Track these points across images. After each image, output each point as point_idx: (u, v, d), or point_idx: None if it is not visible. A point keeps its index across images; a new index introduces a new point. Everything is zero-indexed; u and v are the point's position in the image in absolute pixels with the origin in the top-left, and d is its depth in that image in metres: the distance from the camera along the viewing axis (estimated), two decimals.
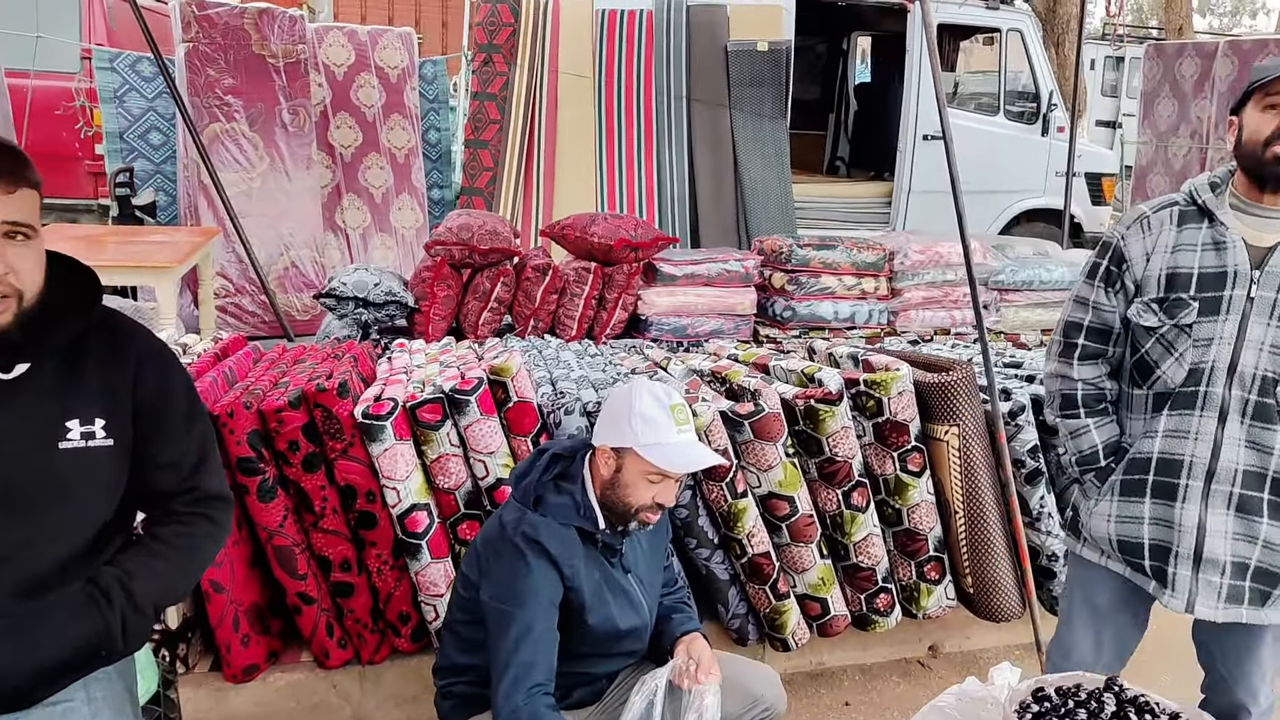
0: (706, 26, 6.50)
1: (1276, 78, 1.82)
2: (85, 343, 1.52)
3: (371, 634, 2.61)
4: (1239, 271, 1.88)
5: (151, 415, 1.55)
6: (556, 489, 2.05)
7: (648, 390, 2.03)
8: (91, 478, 1.48)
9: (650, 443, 1.97)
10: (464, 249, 4.74)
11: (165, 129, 6.04)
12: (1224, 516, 1.91)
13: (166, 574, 1.54)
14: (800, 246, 5.00)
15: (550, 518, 2.00)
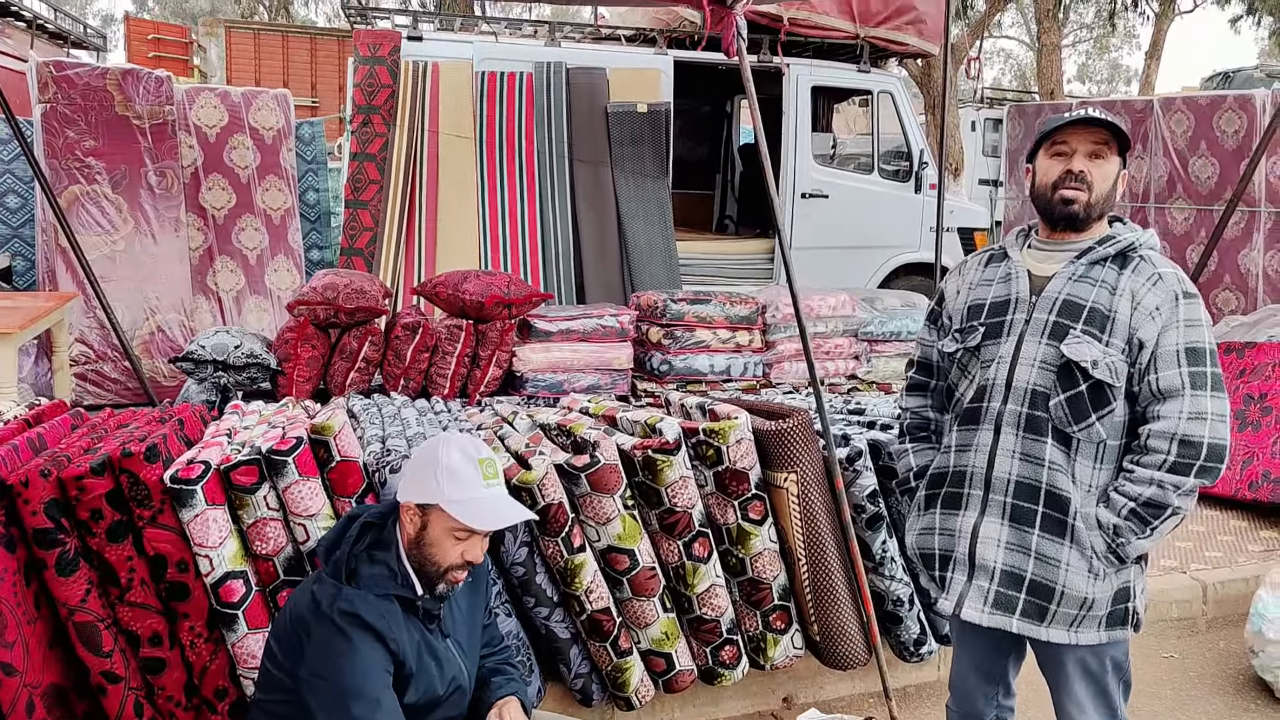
0: (586, 88, 6.59)
1: (1058, 127, 2.04)
2: None
3: (185, 712, 2.46)
4: (1020, 298, 2.07)
5: None
6: (370, 559, 1.96)
7: (456, 444, 1.96)
8: None
9: (457, 499, 1.90)
10: (329, 308, 4.65)
11: (23, 191, 5.84)
12: (997, 525, 2.04)
13: None
14: (675, 301, 5.04)
15: (367, 590, 1.91)
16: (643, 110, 6.62)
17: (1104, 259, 2.03)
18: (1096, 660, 2.05)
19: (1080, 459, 1.98)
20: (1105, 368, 1.95)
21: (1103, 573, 1.97)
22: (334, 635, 1.83)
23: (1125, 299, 1.98)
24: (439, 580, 1.96)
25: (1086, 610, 1.98)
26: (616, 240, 6.63)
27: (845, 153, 8.24)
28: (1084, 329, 1.97)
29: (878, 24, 7.19)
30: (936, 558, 2.14)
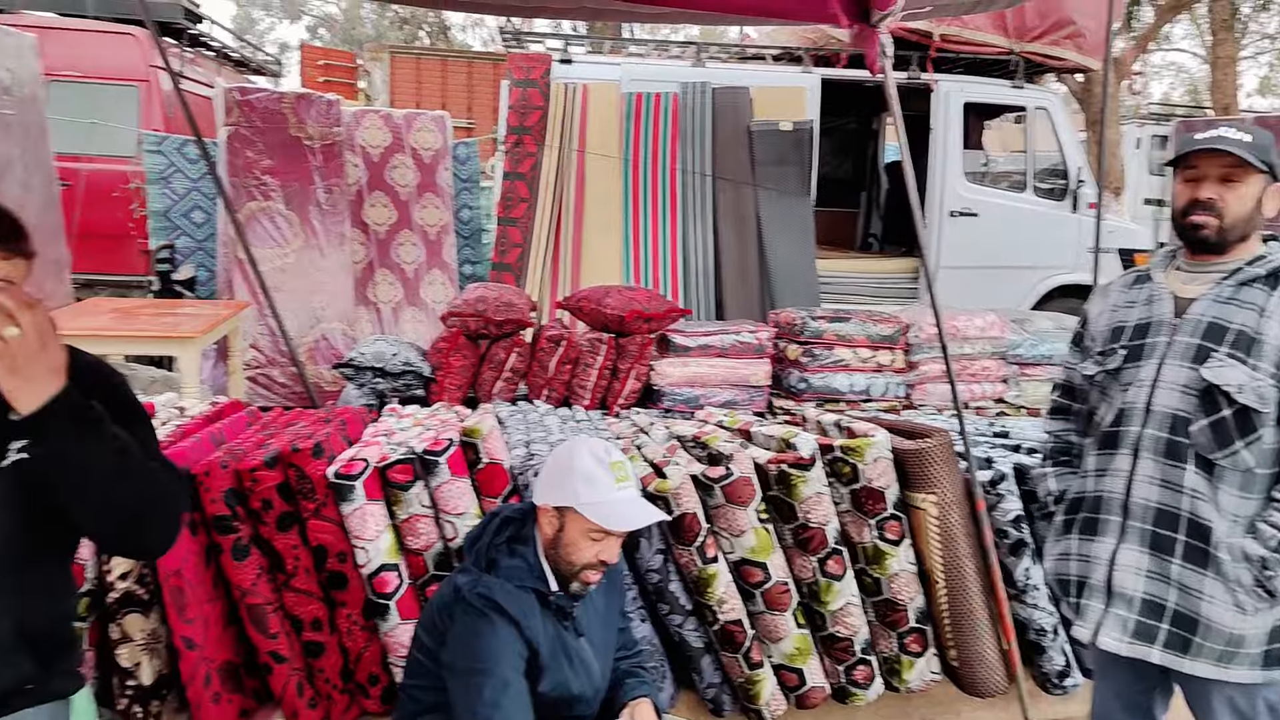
0: (730, 108, 6.65)
1: (1186, 153, 1.99)
2: None
3: (341, 694, 2.62)
4: (1162, 320, 2.02)
5: None
6: (509, 551, 2.06)
7: (588, 449, 2.04)
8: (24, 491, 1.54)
9: (590, 501, 1.98)
10: (479, 320, 4.86)
11: (208, 208, 6.33)
12: (1136, 552, 1.98)
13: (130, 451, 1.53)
14: (814, 318, 5.02)
15: (505, 580, 2.01)
16: (786, 129, 6.62)
17: (1253, 279, 1.96)
18: (1248, 701, 1.94)
19: (1225, 487, 1.90)
20: (1251, 392, 1.86)
21: (1252, 608, 1.87)
22: (472, 618, 1.94)
23: (1275, 321, 1.90)
24: (574, 579, 2.03)
25: (1236, 646, 1.88)
26: (757, 258, 6.64)
27: (997, 170, 8.00)
28: (1229, 352, 1.90)
29: (1033, 38, 6.97)
30: (1073, 584, 2.10)
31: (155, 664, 2.53)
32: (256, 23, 32.77)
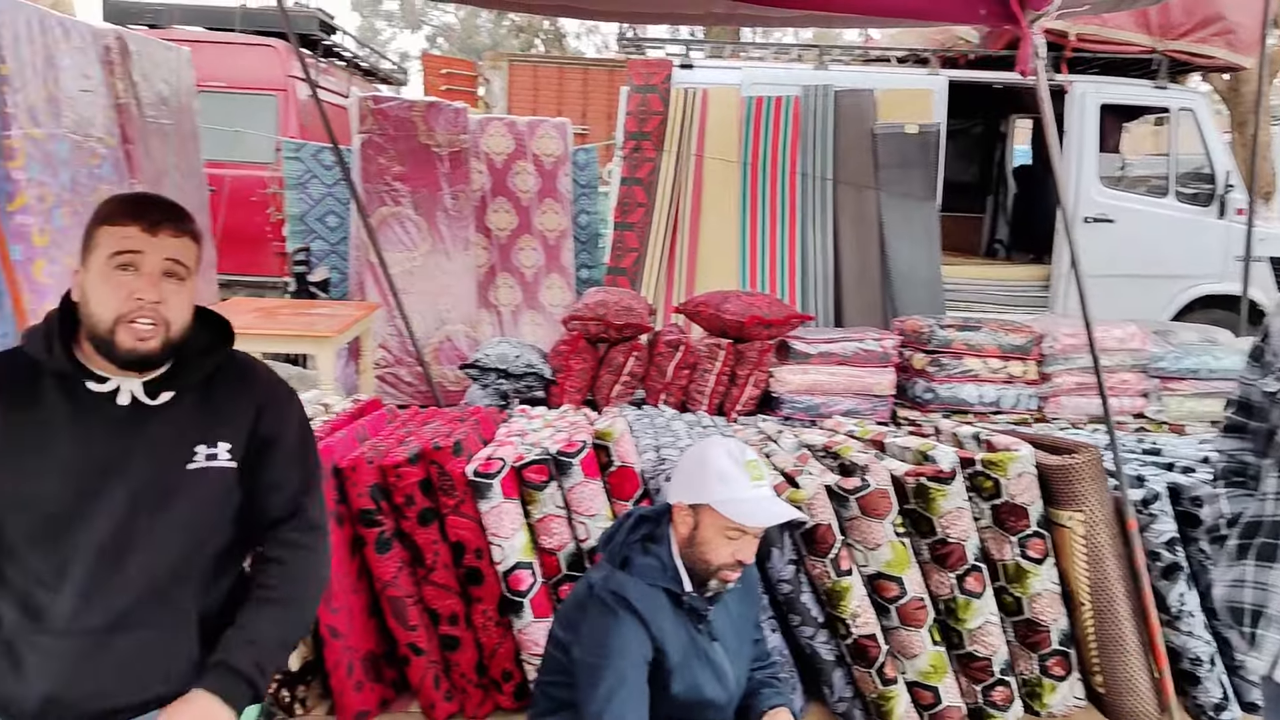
0: (853, 110, 6.55)
1: None
2: (216, 380, 1.72)
3: (476, 689, 2.68)
4: None
5: (268, 443, 1.73)
6: (643, 550, 2.06)
7: (722, 447, 2.03)
8: (213, 494, 1.66)
9: (725, 498, 1.96)
10: (599, 324, 4.90)
11: (341, 212, 6.57)
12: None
13: (282, 619, 1.69)
14: (942, 327, 4.89)
15: (637, 578, 2.01)
16: (912, 131, 6.48)
17: None
18: None
19: None
20: None
21: None
22: (601, 613, 1.95)
23: None
24: (710, 578, 2.01)
25: None
26: (878, 264, 6.52)
27: (1134, 174, 7.64)
28: None
29: (1179, 36, 6.64)
30: (1248, 612, 1.95)
31: (301, 651, 2.62)
32: (379, 33, 33.88)
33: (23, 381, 1.62)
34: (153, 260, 1.58)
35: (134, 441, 1.61)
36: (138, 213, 1.61)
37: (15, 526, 1.58)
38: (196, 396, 1.69)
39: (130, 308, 1.56)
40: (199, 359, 1.70)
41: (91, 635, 1.55)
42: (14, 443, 1.58)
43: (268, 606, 1.68)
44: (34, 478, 1.57)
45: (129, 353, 1.58)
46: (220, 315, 1.78)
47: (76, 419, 1.60)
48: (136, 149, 4.63)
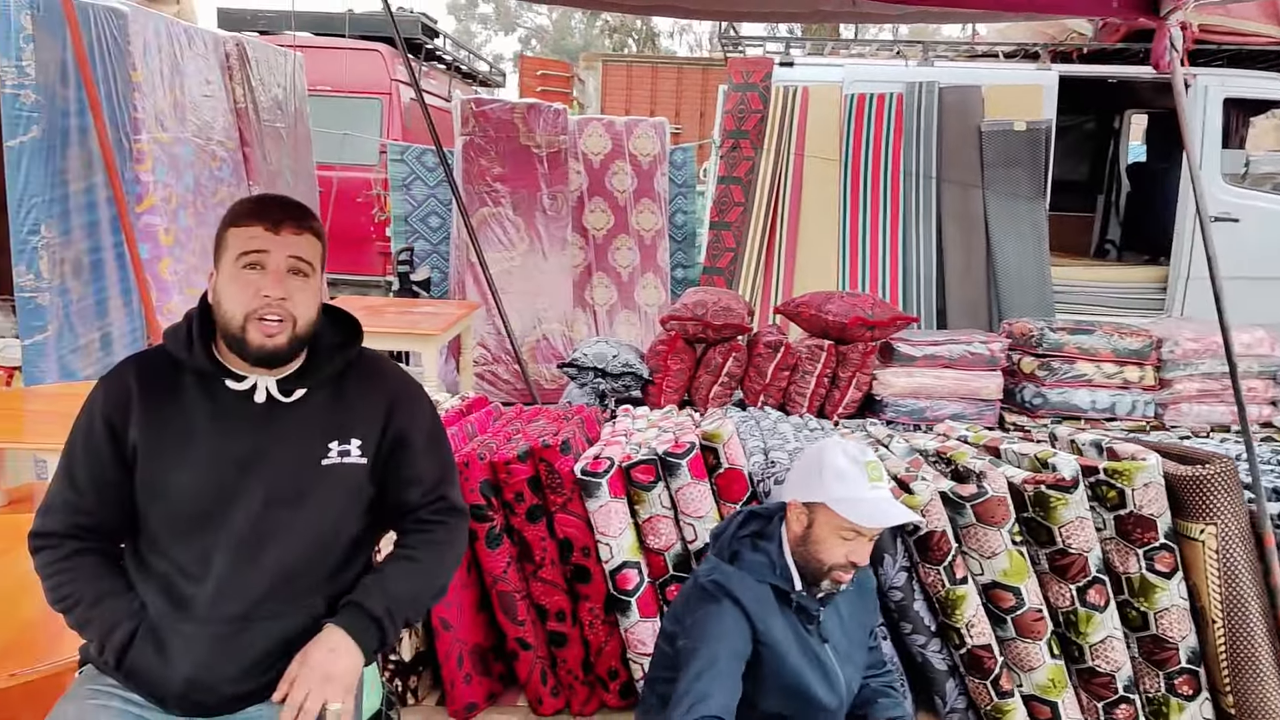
0: (959, 107, 6.39)
1: None
2: (347, 377, 1.75)
3: (582, 685, 2.69)
4: None
5: (401, 439, 1.76)
6: (753, 546, 2.04)
7: (840, 446, 2.00)
8: (345, 489, 1.71)
9: (842, 497, 1.92)
10: (698, 324, 4.89)
11: (443, 213, 6.70)
12: None
13: (417, 575, 1.73)
14: (1053, 330, 4.74)
15: (745, 572, 1.99)
16: (1020, 128, 6.29)
17: None
18: None
19: None
20: None
21: None
22: (703, 600, 1.94)
23: None
24: (823, 578, 1.97)
25: None
26: (984, 264, 6.35)
27: (1260, 171, 7.26)
28: None
29: None
30: None
31: (414, 642, 2.68)
32: (474, 36, 34.52)
33: (165, 379, 1.68)
34: (277, 258, 1.62)
35: (270, 438, 1.66)
36: (261, 213, 1.65)
37: (159, 519, 1.64)
38: (328, 394, 1.73)
39: (258, 304, 1.61)
40: (330, 356, 1.73)
41: (229, 623, 1.60)
42: (158, 438, 1.64)
43: (404, 562, 1.74)
44: (177, 472, 1.63)
45: (259, 349, 1.62)
46: (350, 314, 1.82)
47: (216, 416, 1.66)
48: (254, 152, 4.80)
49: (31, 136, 3.27)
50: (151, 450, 1.64)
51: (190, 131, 4.26)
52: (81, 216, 3.57)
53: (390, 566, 1.74)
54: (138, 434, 1.64)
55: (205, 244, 4.24)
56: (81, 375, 3.58)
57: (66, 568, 1.63)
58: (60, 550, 1.64)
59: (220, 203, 4.41)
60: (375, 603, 1.66)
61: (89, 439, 1.66)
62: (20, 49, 3.21)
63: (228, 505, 1.63)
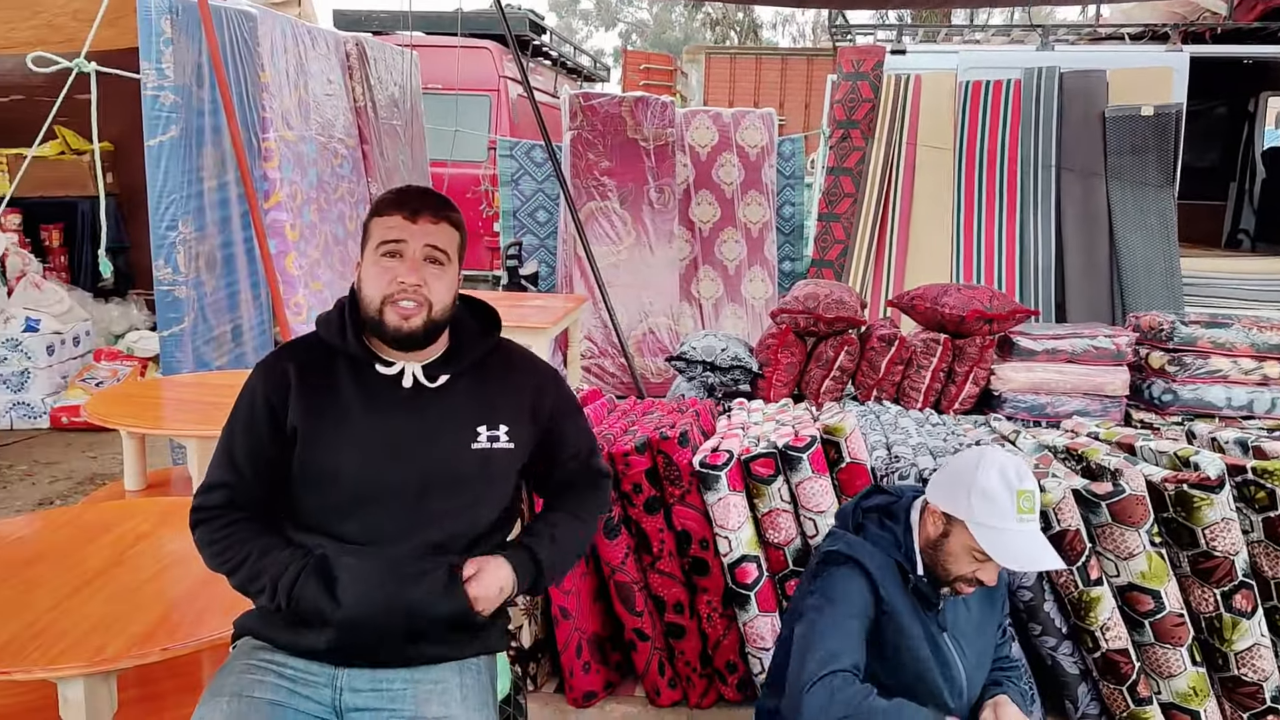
0: (1081, 93, 6.15)
1: None
2: (490, 365, 1.79)
3: (700, 678, 2.68)
4: None
5: (556, 423, 1.83)
6: (879, 523, 1.98)
7: (997, 466, 1.86)
8: (495, 472, 1.75)
9: (984, 523, 1.82)
10: (809, 317, 4.81)
11: (550, 208, 6.77)
12: None
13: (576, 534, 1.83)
14: (1185, 324, 4.52)
15: (871, 543, 1.94)
16: (1148, 113, 6.01)
17: None
18: None
19: None
20: None
21: None
22: (829, 565, 1.91)
23: None
24: (945, 585, 1.92)
25: None
26: (1106, 256, 6.10)
27: None
28: None
29: None
30: None
31: (534, 629, 2.72)
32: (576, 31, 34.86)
33: (320, 365, 1.74)
34: (414, 246, 1.67)
35: (421, 421, 1.71)
36: (401, 203, 1.71)
37: (315, 500, 1.70)
38: (471, 381, 1.76)
39: (394, 290, 1.66)
40: (473, 344, 1.78)
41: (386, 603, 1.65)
42: (315, 422, 1.70)
43: (563, 514, 1.84)
44: (334, 455, 1.68)
45: (395, 330, 1.67)
46: (489, 304, 1.86)
47: (368, 400, 1.71)
48: (372, 149, 4.94)
49: (170, 136, 3.43)
50: (309, 434, 1.69)
51: (314, 130, 4.40)
52: (215, 212, 3.74)
53: (554, 515, 1.84)
54: (296, 417, 1.70)
55: (327, 239, 4.39)
56: (214, 365, 3.74)
57: (229, 533, 1.70)
58: (222, 519, 1.71)
59: (340, 199, 4.55)
60: (540, 545, 1.75)
61: (249, 421, 1.72)
62: (160, 52, 3.37)
63: (381, 487, 1.68)
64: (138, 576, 2.19)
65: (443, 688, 1.68)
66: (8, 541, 2.37)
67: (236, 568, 1.69)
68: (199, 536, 1.73)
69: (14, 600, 2.05)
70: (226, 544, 1.70)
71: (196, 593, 2.11)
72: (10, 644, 1.85)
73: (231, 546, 1.69)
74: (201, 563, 2.24)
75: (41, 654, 1.82)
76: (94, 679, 1.85)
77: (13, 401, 5.23)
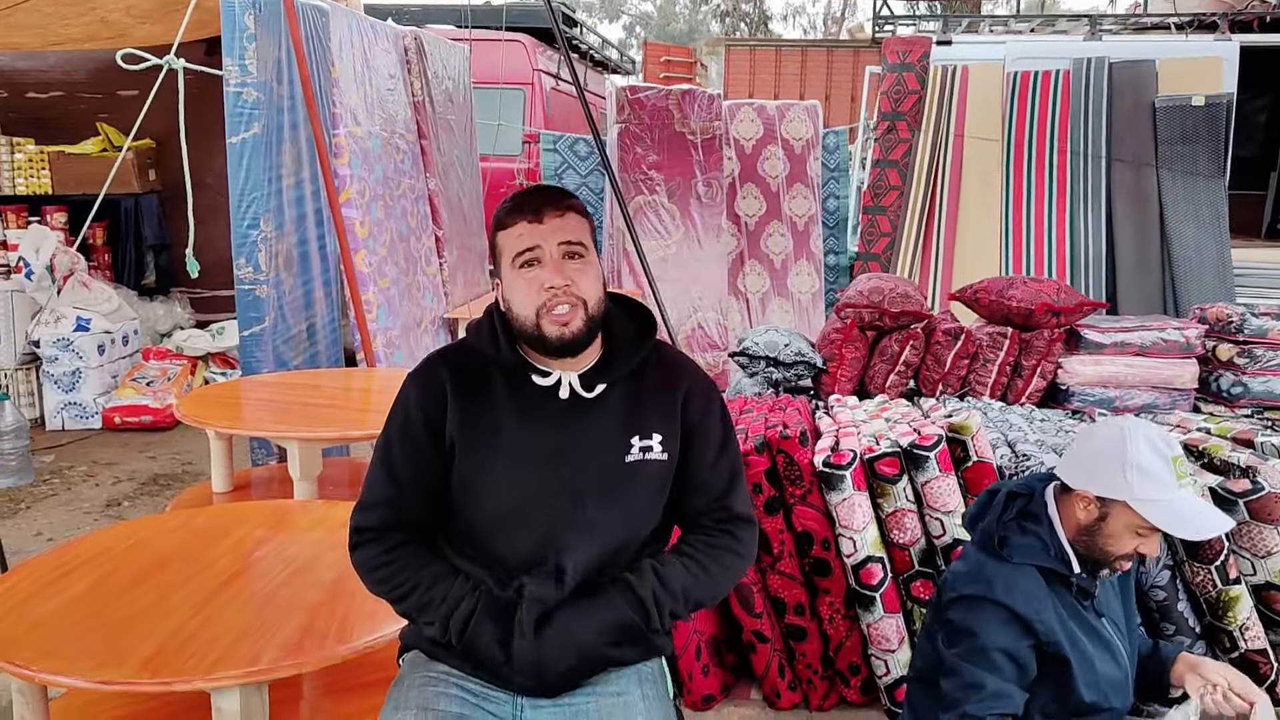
0: (1130, 83, 6.10)
1: None
2: (644, 371, 1.72)
3: (821, 680, 2.65)
4: None
5: (693, 434, 1.70)
6: (1020, 529, 1.93)
7: (1144, 436, 1.82)
8: (645, 486, 1.67)
9: (1148, 498, 1.78)
10: (874, 311, 4.77)
11: (594, 202, 6.72)
12: None
13: (691, 572, 1.67)
14: (1256, 315, 4.48)
15: (1017, 560, 1.89)
16: (1198, 103, 5.97)
17: None
18: None
19: None
20: None
21: None
22: (971, 609, 1.85)
23: None
24: (1104, 566, 1.88)
25: None
26: (1159, 247, 6.06)
27: None
28: None
29: None
30: None
31: None
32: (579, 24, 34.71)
33: (475, 374, 1.68)
34: (549, 247, 1.59)
35: (576, 434, 1.65)
36: (520, 207, 1.63)
37: (473, 513, 1.65)
38: (627, 389, 1.69)
39: (545, 298, 1.59)
40: (628, 351, 1.70)
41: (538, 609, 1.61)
42: (473, 433, 1.64)
43: (682, 558, 1.68)
44: (492, 467, 1.63)
45: (558, 339, 1.60)
46: (642, 305, 1.80)
47: (524, 411, 1.65)
48: (430, 144, 4.89)
49: (253, 133, 3.38)
50: (467, 445, 1.64)
51: (378, 125, 4.35)
52: (292, 210, 3.69)
53: (668, 558, 1.69)
54: (454, 428, 1.65)
55: (393, 236, 4.34)
56: (292, 365, 3.70)
57: (395, 558, 1.65)
58: (384, 542, 1.66)
59: (403, 194, 4.50)
60: (643, 584, 1.63)
61: (406, 434, 1.67)
62: (244, 48, 3.32)
63: (539, 501, 1.63)
64: (269, 582, 2.15)
65: (625, 700, 1.64)
66: (125, 547, 2.34)
67: (403, 597, 1.64)
68: (360, 560, 1.68)
69: (155, 606, 2.02)
70: (391, 570, 1.65)
71: (335, 599, 2.08)
72: (161, 652, 1.82)
73: (397, 574, 1.64)
74: (329, 568, 2.22)
75: (195, 664, 1.78)
76: (248, 689, 1.81)
77: (64, 402, 5.19)
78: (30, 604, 2.00)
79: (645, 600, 1.62)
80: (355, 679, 2.16)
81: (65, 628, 1.91)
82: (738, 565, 1.73)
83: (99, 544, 2.33)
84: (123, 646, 1.83)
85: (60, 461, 4.68)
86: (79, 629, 1.90)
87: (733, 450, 1.76)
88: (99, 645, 1.84)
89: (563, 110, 8.57)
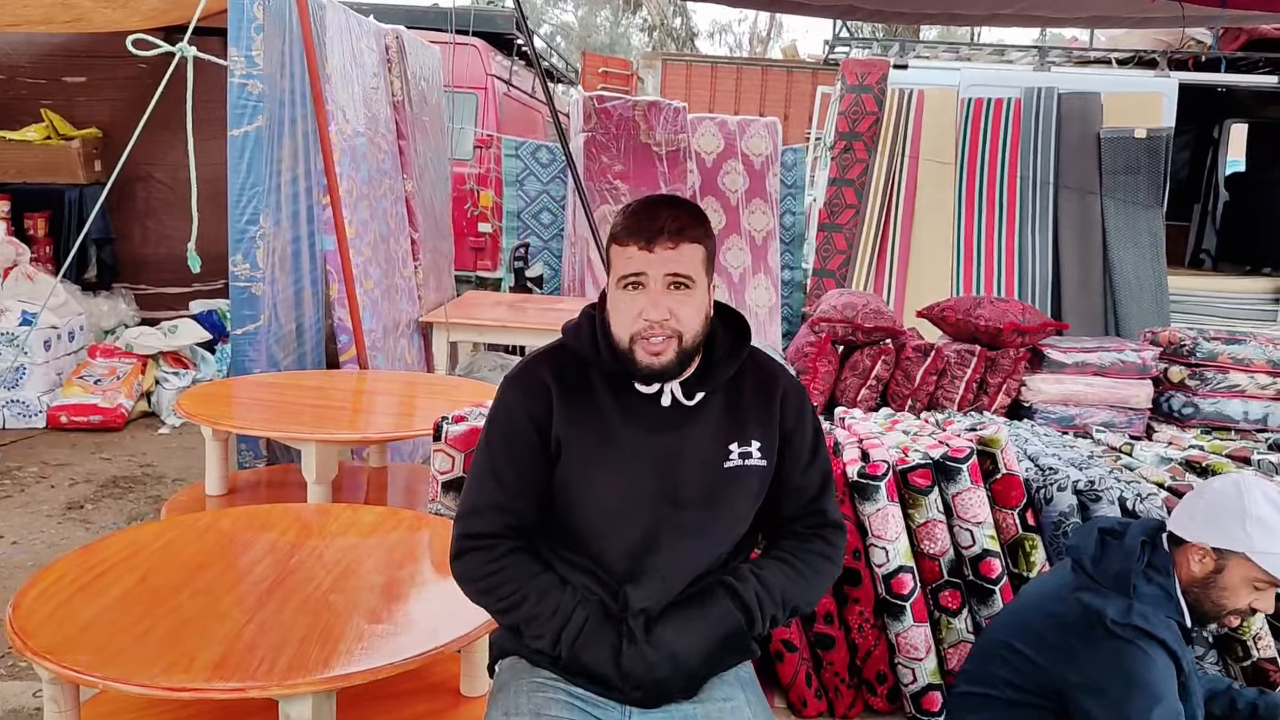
0: (1078, 114, 6.38)
1: None
2: (742, 378, 1.72)
3: (848, 689, 2.68)
4: None
5: (787, 440, 1.71)
6: (1146, 578, 1.95)
7: (1261, 491, 1.90)
8: (743, 491, 1.67)
9: (1270, 551, 1.85)
10: (848, 326, 4.87)
11: (555, 210, 6.69)
12: None
13: (789, 577, 1.67)
14: (1208, 339, 4.73)
15: (1149, 607, 1.90)
16: (1140, 136, 6.29)
17: None
18: None
19: None
20: None
21: None
22: (1129, 647, 1.86)
23: None
24: (1211, 621, 1.95)
25: None
26: (1101, 272, 6.34)
27: None
28: None
29: None
30: None
31: None
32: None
33: (576, 376, 1.66)
34: (654, 276, 1.57)
35: (677, 441, 1.65)
36: (637, 230, 1.59)
37: (577, 518, 1.63)
38: (725, 395, 1.70)
39: (640, 327, 1.57)
40: (727, 362, 1.70)
41: (644, 619, 1.60)
42: (579, 436, 1.63)
43: (779, 563, 1.69)
44: (598, 472, 1.62)
45: (647, 368, 1.60)
46: (738, 312, 1.80)
47: (627, 418, 1.64)
48: (408, 145, 4.80)
49: (256, 126, 3.26)
50: (573, 448, 1.62)
51: (364, 124, 4.25)
52: (289, 207, 3.57)
53: (767, 560, 1.70)
54: (560, 431, 1.63)
55: (375, 237, 4.24)
56: (282, 365, 3.58)
57: (502, 566, 1.61)
58: (494, 550, 1.62)
59: (384, 195, 4.41)
60: (746, 587, 1.63)
61: (512, 437, 1.64)
62: (251, 39, 3.20)
63: (641, 504, 1.62)
64: (317, 586, 2.10)
65: (733, 706, 1.64)
66: (154, 549, 2.26)
67: (511, 608, 1.61)
68: (465, 567, 1.64)
69: (207, 610, 1.95)
70: (499, 579, 1.61)
71: (391, 604, 2.05)
72: (228, 658, 1.76)
73: (505, 584, 1.61)
74: (374, 572, 2.18)
75: (267, 669, 1.73)
76: (319, 696, 1.76)
77: (7, 399, 4.90)
78: (73, 606, 1.91)
79: (750, 604, 1.63)
80: (391, 687, 2.11)
81: (117, 631, 1.83)
82: (830, 571, 1.74)
83: (125, 545, 2.24)
84: (186, 651, 1.76)
85: (8, 462, 4.42)
86: (132, 632, 1.82)
87: (824, 454, 1.78)
88: (159, 650, 1.77)
89: (514, 116, 8.51)
